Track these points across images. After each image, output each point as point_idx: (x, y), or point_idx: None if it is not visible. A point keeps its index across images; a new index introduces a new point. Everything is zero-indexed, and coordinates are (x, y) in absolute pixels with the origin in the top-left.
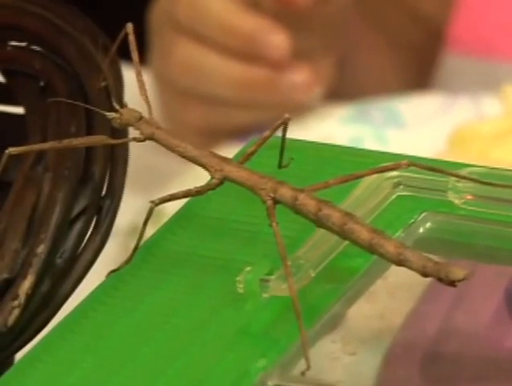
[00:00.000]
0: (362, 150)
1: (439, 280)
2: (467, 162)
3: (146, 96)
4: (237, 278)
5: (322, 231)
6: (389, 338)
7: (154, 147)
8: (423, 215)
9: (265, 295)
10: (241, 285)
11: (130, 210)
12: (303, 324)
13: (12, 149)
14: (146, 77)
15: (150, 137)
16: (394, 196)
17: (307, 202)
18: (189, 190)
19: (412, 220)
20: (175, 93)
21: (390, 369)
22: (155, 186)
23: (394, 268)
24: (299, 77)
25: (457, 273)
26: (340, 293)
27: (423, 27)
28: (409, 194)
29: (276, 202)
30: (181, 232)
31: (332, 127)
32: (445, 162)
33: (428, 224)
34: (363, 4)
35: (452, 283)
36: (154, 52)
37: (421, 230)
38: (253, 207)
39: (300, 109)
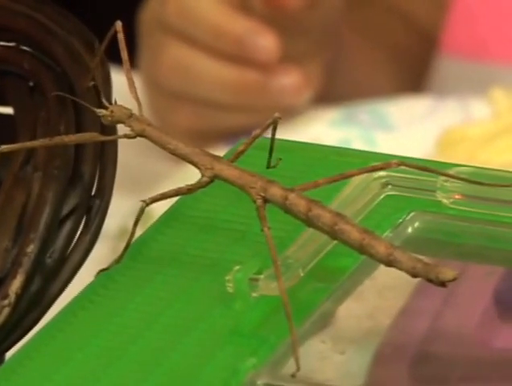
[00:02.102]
0: (351, 150)
1: (429, 281)
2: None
3: (136, 94)
4: (227, 277)
5: (311, 230)
6: (378, 338)
7: (144, 149)
8: (412, 214)
9: (254, 294)
10: (231, 285)
11: (119, 212)
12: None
13: (4, 147)
14: (136, 80)
15: (141, 134)
16: (382, 196)
17: (298, 202)
18: (180, 188)
19: (401, 220)
20: (165, 95)
21: (379, 368)
22: (145, 188)
23: (382, 268)
24: (289, 80)
25: (447, 273)
26: (329, 293)
27: (415, 31)
28: (397, 193)
29: (266, 201)
30: (170, 232)
31: (320, 130)
32: (434, 162)
33: (417, 224)
34: (354, 9)
35: (442, 284)
36: (144, 54)
37: (410, 230)
38: (242, 206)
39: (289, 113)
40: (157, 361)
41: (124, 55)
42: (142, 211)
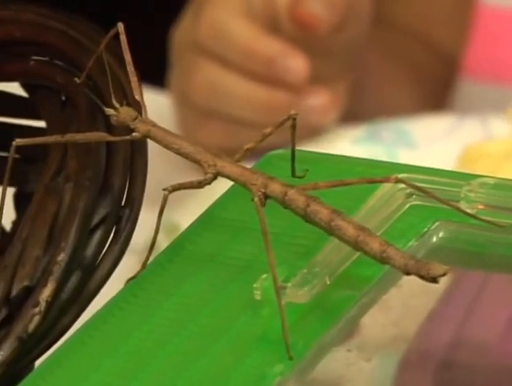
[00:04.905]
0: (377, 162)
1: (421, 277)
2: None
3: (142, 97)
4: (254, 285)
5: (337, 239)
6: (403, 345)
7: (173, 164)
8: (436, 224)
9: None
10: (258, 292)
11: (146, 227)
12: (319, 331)
13: (19, 140)
14: (167, 98)
15: (147, 135)
16: (407, 206)
17: (296, 197)
18: (192, 181)
19: (425, 230)
20: (195, 113)
21: (405, 375)
22: (172, 203)
23: (407, 277)
24: (318, 101)
25: (437, 269)
26: (355, 301)
27: (436, 54)
28: (422, 203)
29: (266, 197)
30: (199, 240)
31: (344, 147)
32: (457, 173)
33: (441, 234)
34: (375, 31)
35: (433, 280)
36: (176, 73)
37: (434, 239)
38: (270, 215)
39: (315, 131)
40: (185, 367)
41: (127, 57)
42: (165, 200)
